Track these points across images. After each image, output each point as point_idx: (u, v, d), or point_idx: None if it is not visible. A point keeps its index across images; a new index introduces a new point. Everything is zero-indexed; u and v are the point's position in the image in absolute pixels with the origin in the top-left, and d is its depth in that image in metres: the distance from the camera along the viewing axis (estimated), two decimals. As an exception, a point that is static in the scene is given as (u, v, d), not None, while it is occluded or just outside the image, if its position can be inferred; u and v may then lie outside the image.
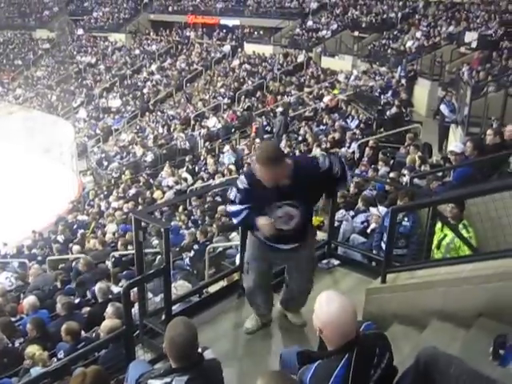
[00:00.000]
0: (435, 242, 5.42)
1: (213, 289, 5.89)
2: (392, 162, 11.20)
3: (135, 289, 4.48)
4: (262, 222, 3.98)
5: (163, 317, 4.42)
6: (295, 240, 4.23)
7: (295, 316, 4.81)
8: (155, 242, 9.87)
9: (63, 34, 40.50)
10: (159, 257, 8.56)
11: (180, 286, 6.19)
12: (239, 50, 31.13)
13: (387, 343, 2.85)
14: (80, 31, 40.80)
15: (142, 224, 4.37)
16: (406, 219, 6.50)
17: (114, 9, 40.92)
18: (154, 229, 9.88)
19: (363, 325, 2.94)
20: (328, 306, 2.67)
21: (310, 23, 29.39)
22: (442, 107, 13.72)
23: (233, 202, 4.19)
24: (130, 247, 10.77)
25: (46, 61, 39.43)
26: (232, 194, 4.21)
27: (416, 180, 7.92)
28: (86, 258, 9.66)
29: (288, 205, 4.00)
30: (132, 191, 16.97)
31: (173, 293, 5.86)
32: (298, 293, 4.67)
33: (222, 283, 5.93)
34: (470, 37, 20.14)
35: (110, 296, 7.35)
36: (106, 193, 18.58)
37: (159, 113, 27.13)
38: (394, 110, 15.33)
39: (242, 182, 4.05)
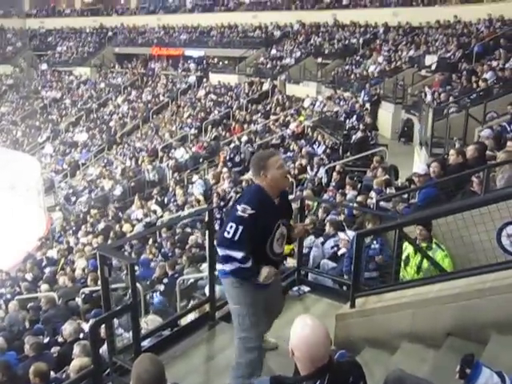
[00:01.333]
0: (414, 268, 5.41)
1: (185, 321, 5.83)
2: (359, 185, 11.31)
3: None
4: (267, 271, 3.87)
5: (132, 353, 4.34)
6: (280, 265, 4.25)
7: (265, 342, 4.58)
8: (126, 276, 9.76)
9: (27, 69, 40.35)
10: (129, 291, 8.46)
11: (151, 321, 6.11)
12: (204, 80, 31.34)
13: (361, 372, 2.84)
14: (44, 66, 40.63)
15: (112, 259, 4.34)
16: (374, 242, 6.54)
17: (78, 43, 40.94)
18: (123, 263, 9.80)
19: (337, 353, 2.93)
20: (301, 328, 2.65)
21: (273, 51, 29.79)
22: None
23: (232, 242, 3.79)
24: (100, 282, 10.62)
25: (10, 96, 39.08)
26: (230, 230, 3.79)
27: (382, 203, 7.99)
28: (47, 296, 9.60)
29: (283, 224, 4.01)
30: (101, 225, 16.77)
31: (143, 327, 5.81)
32: (273, 320, 4.55)
33: (194, 315, 5.89)
34: (430, 60, 20.64)
35: (82, 335, 7.23)
36: (74, 228, 18.33)
37: (126, 145, 27.01)
38: (359, 134, 15.51)
39: (246, 209, 3.78)
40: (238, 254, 3.79)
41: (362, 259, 5.12)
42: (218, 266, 4.09)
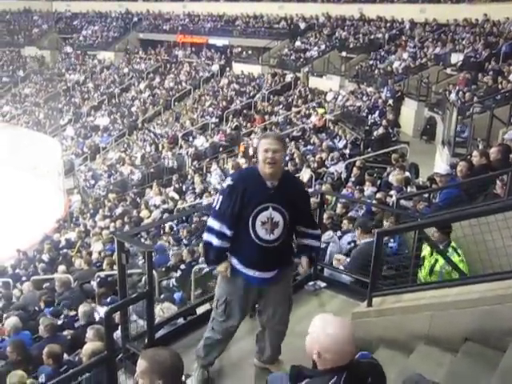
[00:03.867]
0: (427, 268, 5.36)
1: (199, 310, 5.81)
2: (379, 182, 11.22)
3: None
4: (223, 266, 3.94)
5: (146, 341, 4.33)
6: (276, 263, 3.95)
7: (275, 368, 4.30)
8: (141, 261, 9.79)
9: (53, 51, 40.59)
10: (145, 277, 8.47)
11: (166, 308, 6.09)
12: (227, 69, 31.28)
13: (381, 374, 2.80)
14: (69, 49, 40.84)
15: (126, 245, 4.31)
16: (392, 240, 6.48)
17: (103, 27, 41.03)
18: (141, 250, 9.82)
19: (359, 353, 2.90)
20: (328, 329, 2.62)
21: (298, 43, 29.60)
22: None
23: (215, 213, 3.91)
24: (115, 267, 10.69)
25: (35, 78, 39.35)
26: (216, 199, 3.97)
27: (402, 201, 7.91)
28: (61, 278, 9.67)
29: (274, 208, 3.82)
30: (119, 210, 16.87)
31: (159, 315, 5.81)
32: (274, 338, 4.30)
33: (209, 305, 5.87)
34: (456, 58, 20.38)
35: (97, 318, 7.28)
36: (92, 211, 18.46)
37: (147, 131, 27.09)
38: (381, 130, 15.41)
39: (227, 180, 3.95)
40: (216, 224, 3.88)
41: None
42: None
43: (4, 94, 38.95)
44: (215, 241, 3.89)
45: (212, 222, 3.92)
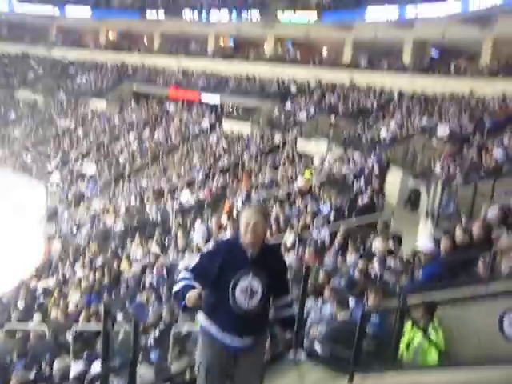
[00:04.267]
0: (405, 342, 5.36)
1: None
2: (362, 250, 11.26)
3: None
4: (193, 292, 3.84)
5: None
6: (251, 331, 4.01)
7: None
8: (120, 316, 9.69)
9: (46, 96, 40.98)
10: (122, 330, 8.33)
11: (144, 371, 6.00)
12: (217, 126, 31.67)
13: None
14: (62, 95, 41.23)
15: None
16: (374, 315, 6.47)
17: (97, 76, 41.63)
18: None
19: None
20: None
21: (288, 106, 30.16)
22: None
23: (188, 269, 4.07)
24: (92, 320, 10.57)
25: (25, 121, 39.53)
26: (194, 260, 4.11)
27: (385, 273, 7.96)
28: (35, 329, 9.56)
29: (253, 277, 3.92)
30: (99, 261, 16.69)
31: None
32: None
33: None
34: (442, 130, 20.83)
35: (71, 374, 7.15)
36: (72, 260, 18.22)
37: (133, 183, 27.11)
38: (366, 197, 15.53)
39: (208, 247, 4.10)
40: (186, 275, 3.97)
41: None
42: None
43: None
44: (183, 283, 3.93)
45: (183, 274, 4.03)
